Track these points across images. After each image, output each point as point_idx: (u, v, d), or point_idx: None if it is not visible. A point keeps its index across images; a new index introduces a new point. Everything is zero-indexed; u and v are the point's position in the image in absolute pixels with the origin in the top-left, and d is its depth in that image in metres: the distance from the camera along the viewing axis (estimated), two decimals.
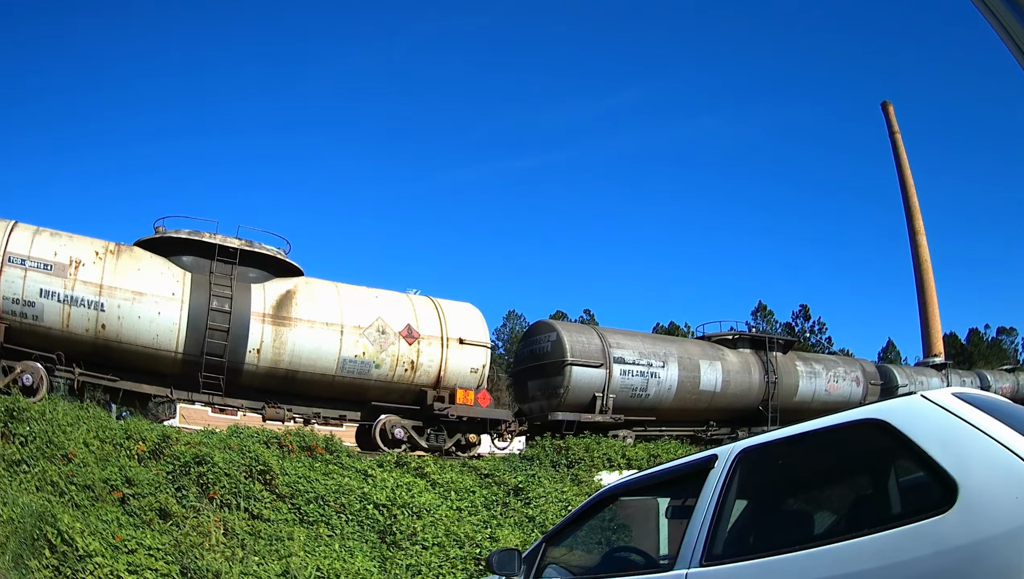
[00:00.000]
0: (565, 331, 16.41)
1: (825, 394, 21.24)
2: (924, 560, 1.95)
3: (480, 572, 8.25)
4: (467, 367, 14.32)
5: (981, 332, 54.37)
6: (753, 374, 19.37)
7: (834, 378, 21.70)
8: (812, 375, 21.24)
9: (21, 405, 9.90)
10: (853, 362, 23.67)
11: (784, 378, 20.18)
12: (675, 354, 17.90)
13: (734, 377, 18.80)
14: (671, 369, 17.47)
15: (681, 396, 17.71)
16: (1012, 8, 2.48)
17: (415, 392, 13.95)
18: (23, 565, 6.92)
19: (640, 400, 16.89)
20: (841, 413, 2.58)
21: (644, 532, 4.20)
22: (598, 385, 16.14)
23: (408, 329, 13.72)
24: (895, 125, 43.92)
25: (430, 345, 13.92)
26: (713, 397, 18.37)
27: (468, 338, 14.45)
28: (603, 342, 16.54)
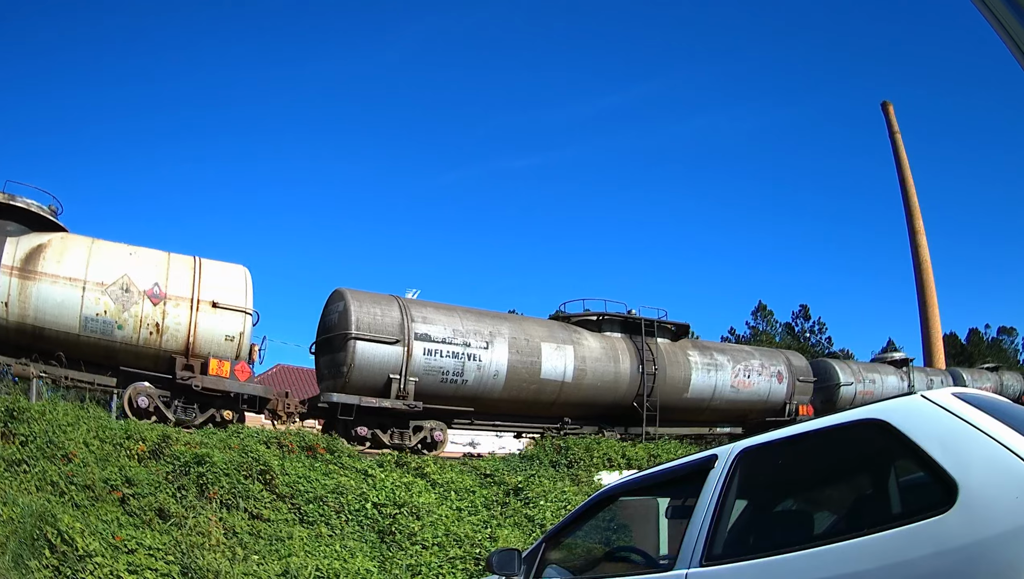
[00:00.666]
0: (355, 300, 13.68)
1: (732, 391, 18.54)
2: (924, 560, 1.95)
3: (480, 572, 8.26)
4: (221, 334, 12.78)
5: (981, 332, 54.42)
6: (622, 363, 16.36)
7: (745, 372, 18.85)
8: (712, 368, 18.28)
9: (21, 405, 9.91)
10: (775, 355, 20.81)
11: (669, 370, 17.18)
12: (505, 334, 14.82)
13: (593, 365, 15.76)
14: (497, 351, 14.46)
15: (514, 385, 14.72)
16: (1012, 8, 2.48)
17: (166, 359, 12.50)
18: (23, 565, 6.92)
19: (455, 387, 14.08)
20: (841, 413, 2.58)
21: (644, 532, 4.20)
22: (393, 365, 13.46)
23: (155, 288, 12.44)
24: (895, 125, 43.94)
25: (178, 306, 12.54)
26: (562, 389, 15.37)
27: (223, 302, 12.87)
28: (404, 315, 13.80)
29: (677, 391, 17.51)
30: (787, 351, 22.39)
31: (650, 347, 17.06)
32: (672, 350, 17.75)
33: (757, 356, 19.95)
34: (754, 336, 45.84)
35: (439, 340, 14.03)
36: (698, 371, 18.01)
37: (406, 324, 13.76)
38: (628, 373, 16.47)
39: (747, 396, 18.97)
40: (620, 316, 17.23)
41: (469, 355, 14.21)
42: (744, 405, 19.05)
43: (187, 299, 12.68)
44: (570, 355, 15.51)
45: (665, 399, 17.10)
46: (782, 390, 19.77)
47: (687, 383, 17.75)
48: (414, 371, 13.67)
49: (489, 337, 14.61)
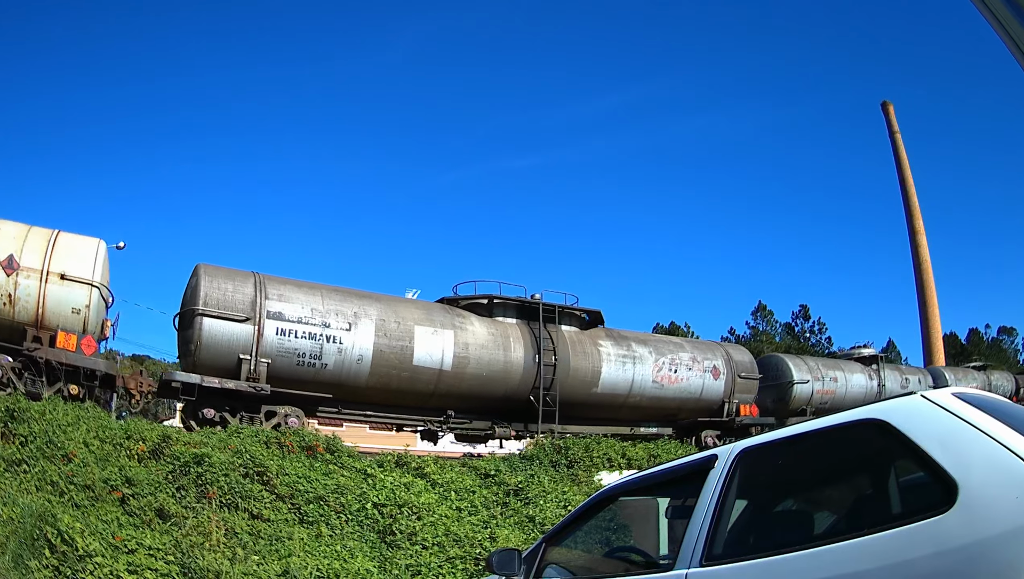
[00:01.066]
0: (206, 275, 12.82)
1: (654, 387, 16.71)
2: (924, 560, 1.95)
3: (480, 572, 8.26)
4: (68, 306, 12.42)
5: (981, 332, 54.41)
6: (513, 351, 14.69)
7: (671, 366, 16.99)
8: (628, 360, 16.36)
9: (21, 405, 9.91)
10: (712, 348, 18.80)
11: (574, 361, 15.46)
12: (372, 316, 13.51)
13: (477, 353, 14.22)
14: (362, 333, 13.26)
15: (382, 372, 13.47)
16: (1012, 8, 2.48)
17: (19, 330, 12.28)
18: (23, 565, 6.92)
19: (314, 371, 13.02)
20: (841, 413, 2.59)
21: (644, 532, 4.20)
22: (244, 345, 12.54)
23: (9, 259, 12.18)
24: (895, 125, 43.93)
25: (29, 277, 12.23)
26: (440, 378, 13.96)
27: (71, 273, 12.47)
28: (258, 292, 12.83)
29: (584, 385, 15.72)
30: (728, 345, 20.55)
31: (551, 335, 15.21)
32: (579, 339, 15.91)
33: (688, 349, 18.10)
34: (754, 336, 45.86)
35: (294, 319, 12.87)
36: (610, 363, 16.06)
37: (259, 301, 12.74)
38: (522, 363, 14.72)
39: (674, 393, 17.20)
40: (516, 300, 15.40)
41: (328, 337, 12.99)
42: (672, 402, 17.41)
43: (38, 270, 12.39)
44: (449, 340, 13.93)
45: (569, 393, 15.38)
46: (718, 387, 17.96)
47: (596, 376, 15.82)
48: (266, 352, 12.63)
49: (353, 318, 13.32)
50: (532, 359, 14.97)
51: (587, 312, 16.70)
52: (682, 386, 17.42)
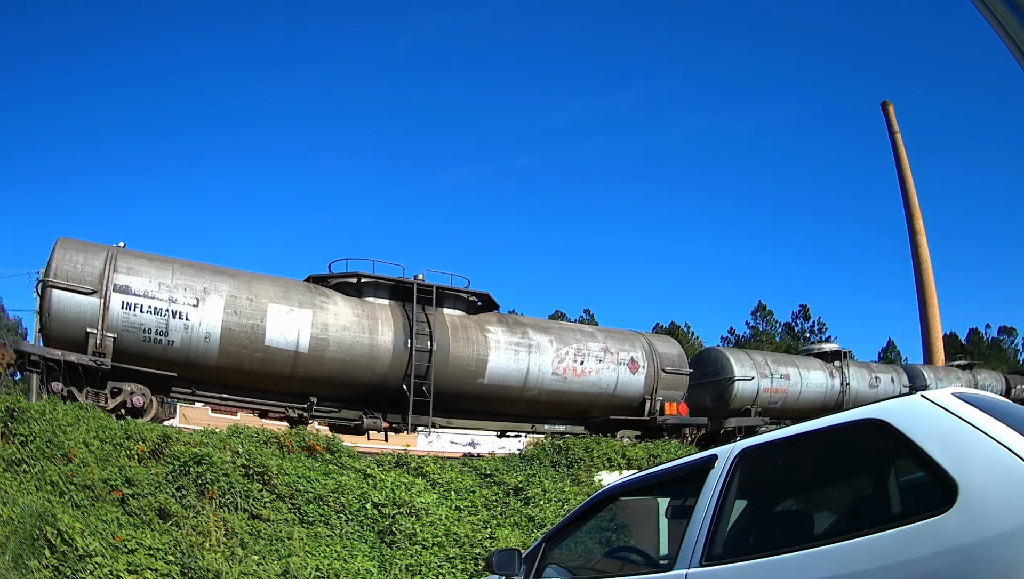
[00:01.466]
0: (61, 248, 12.15)
1: (555, 379, 14.94)
2: (924, 560, 1.95)
3: (480, 572, 8.26)
4: None
5: (981, 332, 54.42)
6: (381, 335, 13.40)
7: (576, 357, 15.13)
8: (522, 348, 14.63)
9: (21, 405, 9.91)
10: (630, 339, 16.67)
11: (455, 347, 13.96)
12: (223, 291, 12.59)
13: (339, 335, 13.07)
14: (210, 310, 12.38)
15: (232, 352, 12.54)
16: (1012, 8, 2.49)
17: None
18: (23, 565, 6.93)
19: (162, 348, 12.21)
20: (841, 413, 2.59)
21: (644, 532, 4.20)
22: (91, 318, 11.87)
23: None
24: (895, 125, 43.93)
25: None
26: (297, 361, 12.92)
27: None
28: (107, 265, 12.16)
29: (467, 375, 14.19)
30: (653, 335, 18.19)
31: (428, 318, 13.73)
32: (464, 324, 14.37)
33: (600, 338, 16.11)
34: (754, 336, 45.86)
35: (140, 293, 12.13)
36: (499, 351, 14.40)
37: (107, 274, 12.07)
38: (391, 348, 13.39)
39: (581, 387, 15.38)
40: (389, 279, 13.96)
41: (175, 312, 12.21)
42: (579, 398, 15.64)
43: None
44: (307, 321, 12.85)
45: (449, 384, 13.91)
46: (637, 382, 16.02)
47: (482, 365, 14.19)
48: (112, 326, 11.93)
49: (202, 293, 12.45)
50: (404, 344, 13.49)
51: (475, 294, 14.87)
52: (591, 380, 15.40)
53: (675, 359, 17.21)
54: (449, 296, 14.52)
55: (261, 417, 14.82)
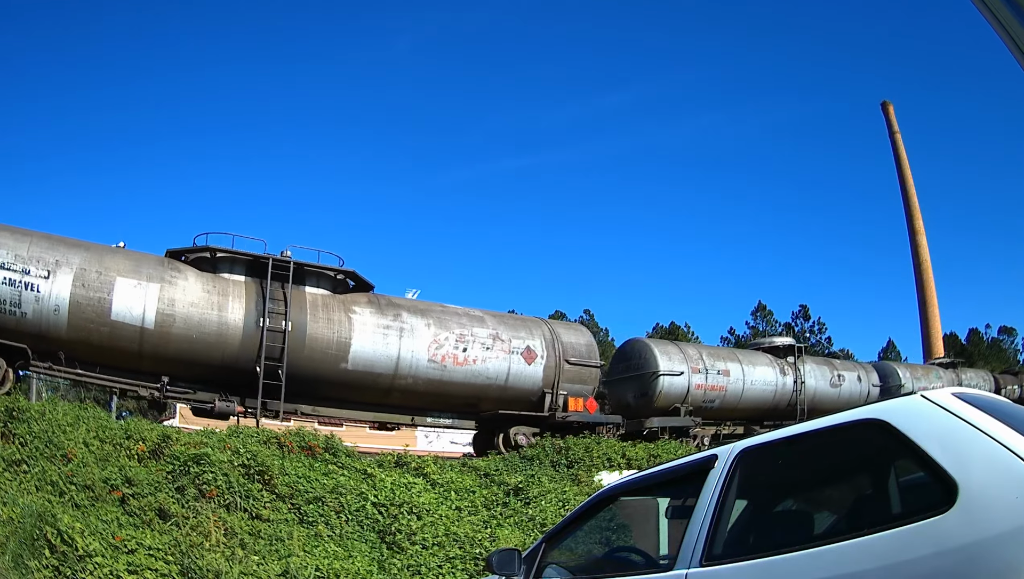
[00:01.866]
0: None
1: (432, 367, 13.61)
2: (924, 560, 1.95)
3: (480, 572, 8.26)
4: None
5: (981, 332, 54.40)
6: (232, 312, 12.64)
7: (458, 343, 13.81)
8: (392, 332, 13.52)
9: (21, 405, 9.91)
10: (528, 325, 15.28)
11: (313, 328, 13.04)
12: (74, 264, 12.06)
13: (186, 311, 12.32)
14: (60, 282, 11.89)
15: (80, 325, 12.01)
16: (1012, 8, 2.49)
17: None
18: (23, 565, 6.93)
19: (16, 320, 11.77)
20: (841, 413, 2.59)
21: (644, 532, 4.20)
22: None
23: None
24: (895, 125, 43.95)
25: None
26: (143, 337, 12.23)
27: None
28: None
29: (328, 359, 13.17)
30: (558, 322, 16.62)
31: (285, 296, 12.85)
32: (327, 304, 13.38)
33: (490, 324, 14.54)
34: (754, 336, 45.86)
35: None
36: (365, 334, 13.30)
37: None
38: (241, 326, 12.57)
39: (464, 377, 13.98)
40: (247, 255, 13.13)
41: (27, 284, 11.86)
42: (464, 390, 14.22)
43: None
44: (153, 295, 12.22)
45: (308, 368, 13.03)
46: (534, 374, 14.50)
47: (344, 349, 13.11)
48: None
49: (54, 266, 12.00)
50: (256, 323, 12.66)
51: (342, 272, 13.74)
52: (476, 369, 13.94)
53: (582, 349, 15.40)
54: (312, 273, 13.50)
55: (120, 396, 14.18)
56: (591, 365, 15.56)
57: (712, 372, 18.72)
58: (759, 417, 20.57)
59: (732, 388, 19.17)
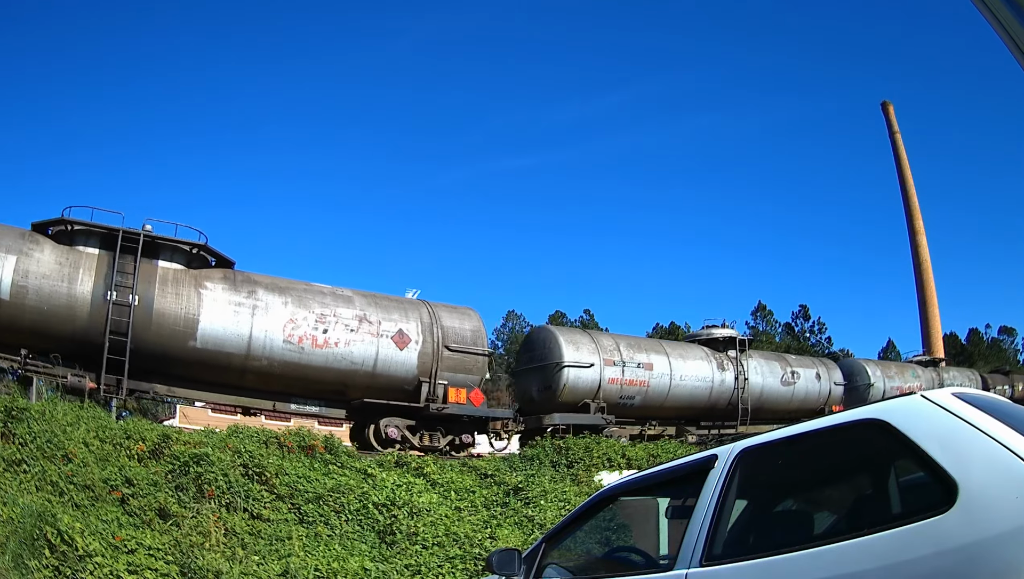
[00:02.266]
0: None
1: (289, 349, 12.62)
2: (924, 560, 1.95)
3: (480, 572, 8.26)
4: None
5: (981, 332, 54.43)
6: (80, 285, 12.13)
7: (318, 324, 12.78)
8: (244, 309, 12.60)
9: (21, 405, 9.91)
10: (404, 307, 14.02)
11: (159, 303, 12.36)
12: None
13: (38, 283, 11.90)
14: None
15: None
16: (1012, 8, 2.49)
17: None
18: (23, 565, 6.93)
19: None
20: (841, 413, 2.59)
21: (644, 532, 4.20)
22: None
23: None
24: (895, 125, 43.94)
25: None
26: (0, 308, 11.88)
27: None
28: None
29: (176, 336, 12.51)
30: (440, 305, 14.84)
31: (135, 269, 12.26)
32: (179, 279, 12.71)
33: (357, 305, 13.57)
34: (754, 336, 45.92)
35: None
36: (215, 311, 12.59)
37: None
38: (89, 299, 12.14)
39: (325, 361, 13.02)
40: (102, 227, 12.59)
41: None
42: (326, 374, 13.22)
43: None
44: (10, 266, 11.79)
45: (156, 344, 12.41)
46: (407, 360, 13.42)
47: (192, 326, 12.47)
48: None
49: None
50: (104, 297, 12.18)
51: (199, 247, 13.03)
52: (338, 353, 12.98)
53: (466, 335, 14.03)
54: (166, 247, 12.87)
55: None
56: (476, 353, 14.18)
57: (631, 365, 16.69)
58: (694, 417, 18.92)
59: (656, 384, 17.18)
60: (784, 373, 20.11)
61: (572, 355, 15.92)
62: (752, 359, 19.62)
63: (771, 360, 20.48)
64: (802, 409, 20.01)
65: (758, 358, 20.07)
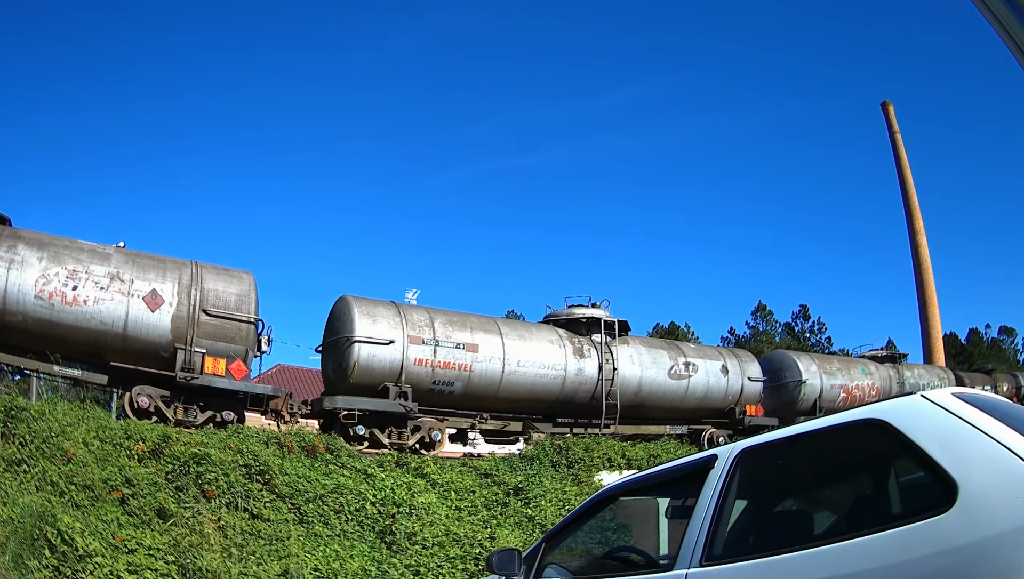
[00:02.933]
0: None
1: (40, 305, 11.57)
2: (924, 560, 1.95)
3: (480, 572, 8.27)
4: None
5: (981, 332, 54.44)
6: None
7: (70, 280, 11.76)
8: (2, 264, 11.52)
9: (21, 405, 9.92)
10: (165, 267, 12.66)
11: None
12: None
13: None
14: None
15: None
16: (1012, 8, 2.49)
17: None
18: (23, 565, 6.93)
19: None
20: (841, 413, 2.59)
21: (644, 532, 4.21)
22: None
23: None
24: (895, 125, 43.93)
25: None
26: None
27: None
28: None
29: None
30: (211, 266, 13.21)
31: None
32: None
33: (114, 262, 12.32)
34: (754, 336, 45.91)
35: None
36: None
37: None
38: None
39: (76, 319, 11.79)
40: None
41: None
42: (80, 334, 11.98)
43: None
44: None
45: None
46: (159, 323, 12.12)
47: None
48: None
49: None
50: None
51: None
52: (88, 312, 11.78)
53: (229, 299, 12.60)
54: None
55: None
56: (239, 319, 12.66)
57: (446, 345, 14.10)
58: (545, 411, 16.07)
59: (484, 369, 14.47)
60: (674, 364, 16.79)
61: (367, 329, 13.48)
62: (629, 346, 16.56)
63: (658, 348, 17.33)
64: (702, 408, 17.44)
65: (638, 345, 16.88)
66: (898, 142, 43.65)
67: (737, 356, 18.88)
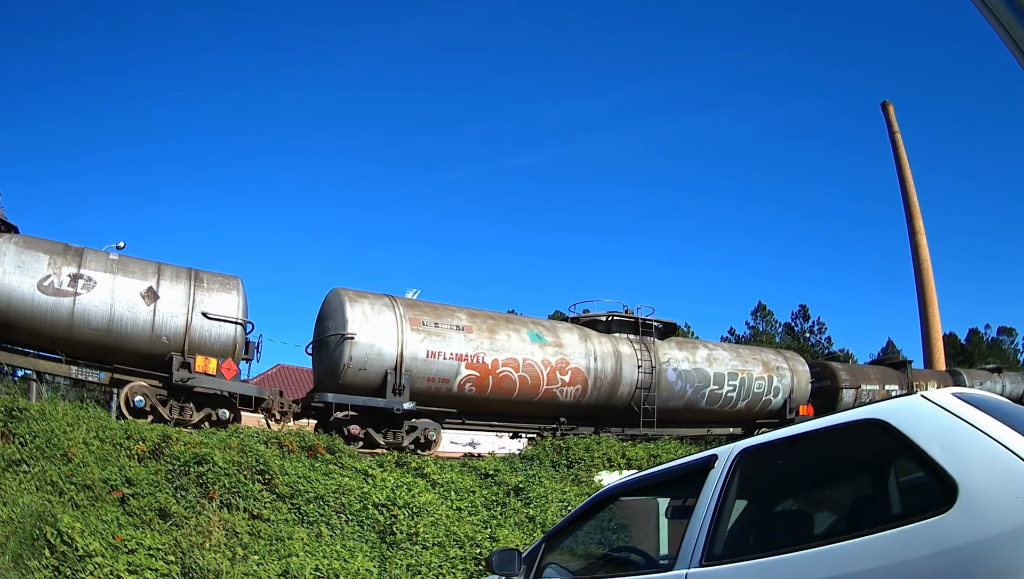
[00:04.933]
0: None
1: None
2: (924, 560, 1.95)
3: (480, 572, 8.27)
4: None
5: (981, 332, 54.42)
6: None
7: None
8: None
9: (21, 405, 9.92)
10: None
11: None
12: None
13: None
14: None
15: None
16: (1012, 8, 2.49)
17: None
18: (23, 565, 6.93)
19: None
20: (842, 413, 2.59)
21: (644, 532, 4.21)
22: None
23: None
24: (895, 125, 43.89)
25: None
26: None
27: None
28: None
29: None
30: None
31: None
32: None
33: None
34: (754, 336, 45.89)
35: None
36: None
37: None
38: None
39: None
40: None
41: None
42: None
43: None
44: None
45: None
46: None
47: None
48: None
49: None
50: None
51: None
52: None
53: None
54: None
55: None
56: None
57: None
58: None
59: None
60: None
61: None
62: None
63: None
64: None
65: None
66: (898, 142, 43.64)
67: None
